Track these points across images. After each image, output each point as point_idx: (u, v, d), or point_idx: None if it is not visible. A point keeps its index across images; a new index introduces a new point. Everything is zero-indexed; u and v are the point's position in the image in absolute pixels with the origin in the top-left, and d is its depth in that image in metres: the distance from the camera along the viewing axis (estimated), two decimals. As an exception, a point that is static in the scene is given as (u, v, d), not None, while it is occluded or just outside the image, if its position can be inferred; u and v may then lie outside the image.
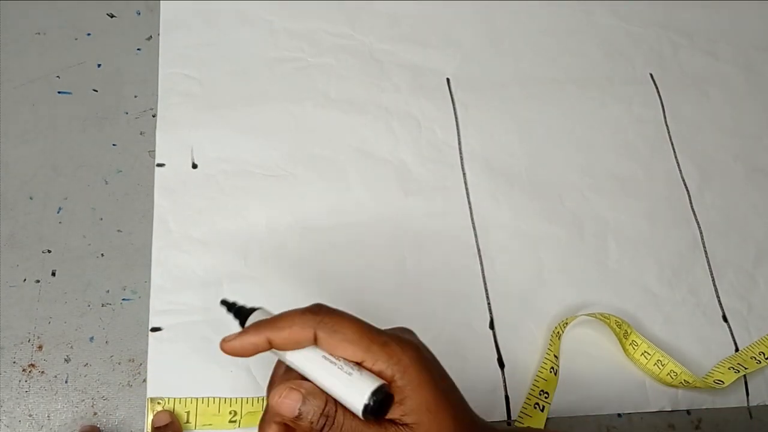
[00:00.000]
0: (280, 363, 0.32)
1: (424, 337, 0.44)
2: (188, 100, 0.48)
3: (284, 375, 0.32)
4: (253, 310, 0.32)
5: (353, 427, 0.29)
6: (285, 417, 0.29)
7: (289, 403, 0.29)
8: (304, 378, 0.30)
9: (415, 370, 0.29)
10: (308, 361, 0.30)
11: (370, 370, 0.29)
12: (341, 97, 0.50)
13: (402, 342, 0.30)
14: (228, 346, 0.30)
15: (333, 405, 0.29)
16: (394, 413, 0.29)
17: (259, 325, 0.30)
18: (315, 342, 0.30)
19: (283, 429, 0.30)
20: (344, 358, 0.29)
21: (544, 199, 0.49)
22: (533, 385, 0.43)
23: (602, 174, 0.51)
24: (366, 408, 0.28)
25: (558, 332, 0.44)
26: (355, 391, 0.29)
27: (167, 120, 0.47)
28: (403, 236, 0.46)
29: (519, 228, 0.48)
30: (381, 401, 0.29)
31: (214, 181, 0.46)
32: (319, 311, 0.30)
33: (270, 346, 0.30)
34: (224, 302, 0.33)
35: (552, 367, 0.43)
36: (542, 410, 0.42)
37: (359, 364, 0.29)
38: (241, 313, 0.33)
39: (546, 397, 0.42)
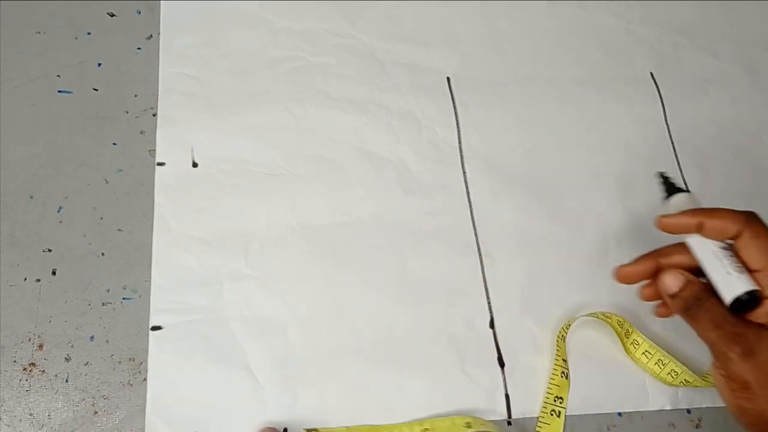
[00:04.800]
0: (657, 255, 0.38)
1: (424, 336, 0.44)
2: (188, 99, 0.48)
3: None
4: (681, 190, 0.38)
5: (718, 315, 0.34)
6: (664, 291, 0.36)
7: (671, 280, 0.36)
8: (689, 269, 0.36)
9: None
10: (703, 249, 0.35)
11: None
12: (341, 96, 0.50)
13: None
14: (665, 223, 0.36)
15: (707, 293, 0.35)
16: (761, 317, 0.34)
17: (695, 211, 0.35)
18: (735, 238, 0.34)
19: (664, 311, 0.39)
20: (739, 261, 0.35)
21: (544, 198, 0.49)
22: (547, 392, 0.43)
23: (602, 173, 0.51)
24: (735, 301, 0.34)
25: (562, 335, 0.44)
26: (730, 286, 0.34)
27: (167, 119, 0.47)
28: (403, 235, 0.46)
29: (519, 227, 0.48)
30: (747, 301, 0.34)
31: (214, 180, 0.46)
32: (749, 216, 0.34)
33: (698, 229, 0.35)
34: (661, 174, 0.39)
35: (563, 372, 0.43)
36: (559, 416, 0.42)
37: (748, 269, 0.34)
38: (670, 186, 0.39)
39: (561, 402, 0.42)
